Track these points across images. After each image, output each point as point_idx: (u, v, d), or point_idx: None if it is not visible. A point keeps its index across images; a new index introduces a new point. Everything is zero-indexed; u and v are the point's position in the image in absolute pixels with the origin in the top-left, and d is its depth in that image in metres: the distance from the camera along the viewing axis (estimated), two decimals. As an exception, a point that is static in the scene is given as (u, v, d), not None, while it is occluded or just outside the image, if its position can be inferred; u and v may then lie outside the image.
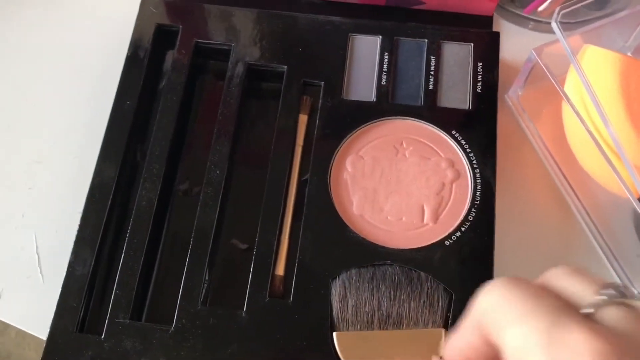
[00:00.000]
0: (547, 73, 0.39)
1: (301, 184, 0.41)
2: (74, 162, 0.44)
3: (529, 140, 0.44)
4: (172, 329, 0.36)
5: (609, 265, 0.40)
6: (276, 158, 0.41)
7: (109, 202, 0.40)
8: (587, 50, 0.39)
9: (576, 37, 0.40)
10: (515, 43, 0.47)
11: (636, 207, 0.36)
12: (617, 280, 0.40)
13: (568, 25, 0.43)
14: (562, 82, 0.41)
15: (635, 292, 0.39)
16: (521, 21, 0.48)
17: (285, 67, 0.43)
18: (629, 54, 0.45)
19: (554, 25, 0.37)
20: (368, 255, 0.38)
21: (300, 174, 0.41)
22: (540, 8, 0.45)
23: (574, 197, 0.41)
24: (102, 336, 0.36)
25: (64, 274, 0.38)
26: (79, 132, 0.45)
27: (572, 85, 0.40)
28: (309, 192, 0.40)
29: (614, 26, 0.43)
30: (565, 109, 0.40)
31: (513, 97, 0.44)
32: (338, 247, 0.38)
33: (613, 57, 0.37)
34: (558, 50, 0.39)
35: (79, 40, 0.48)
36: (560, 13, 0.37)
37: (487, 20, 0.47)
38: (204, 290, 0.38)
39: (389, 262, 0.38)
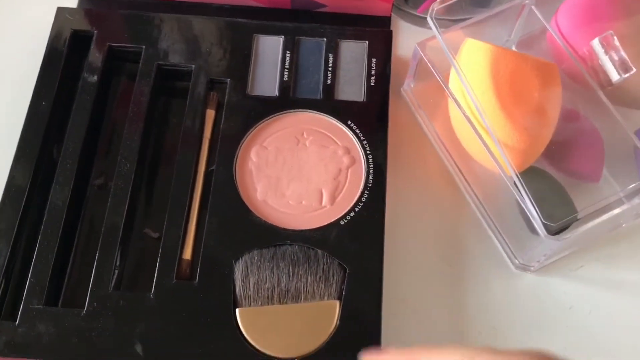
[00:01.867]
0: (428, 64, 0.42)
1: (208, 175, 0.43)
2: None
3: (422, 128, 0.48)
4: (84, 312, 0.39)
5: (494, 239, 0.44)
6: (184, 151, 0.43)
7: (24, 198, 0.42)
8: (466, 43, 0.43)
9: (458, 32, 0.44)
10: (413, 41, 0.51)
11: (507, 181, 0.39)
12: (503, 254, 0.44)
13: (452, 22, 0.48)
14: (448, 74, 0.44)
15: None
16: (419, 21, 0.52)
17: (193, 66, 0.46)
18: (513, 47, 0.49)
19: (429, 20, 0.41)
20: (270, 237, 0.41)
21: (207, 165, 0.44)
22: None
23: (461, 177, 0.45)
24: (17, 322, 0.38)
25: (-20, 265, 0.40)
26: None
27: (454, 76, 0.43)
28: (215, 181, 0.42)
29: (498, 21, 0.47)
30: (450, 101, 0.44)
31: (407, 90, 0.48)
32: (242, 231, 0.41)
33: (485, 48, 0.41)
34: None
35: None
36: (435, 9, 0.40)
37: (385, 21, 0.51)
38: (115, 276, 0.40)
39: (288, 242, 0.41)
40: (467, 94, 0.40)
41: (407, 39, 0.51)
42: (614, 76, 0.40)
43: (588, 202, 0.42)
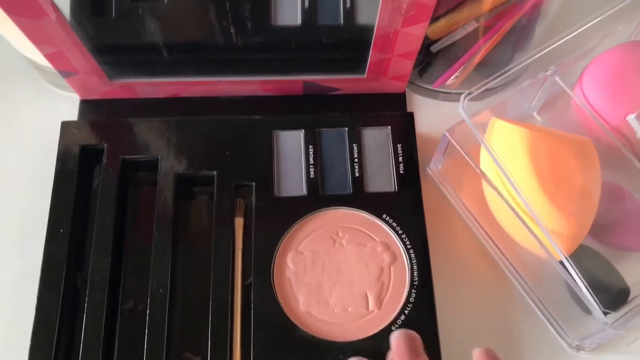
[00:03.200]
0: (462, 153, 0.41)
1: (246, 288, 0.41)
2: (12, 295, 0.43)
3: (454, 207, 0.46)
4: None
5: (545, 320, 0.43)
6: (217, 266, 0.41)
7: (55, 336, 0.39)
8: (495, 125, 0.42)
9: (485, 112, 0.43)
10: (429, 115, 0.50)
11: (557, 268, 0.38)
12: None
13: (474, 96, 0.47)
14: (477, 150, 0.43)
15: None
16: (432, 94, 0.51)
17: (215, 172, 0.44)
18: (535, 113, 0.49)
19: (461, 112, 0.39)
20: (320, 353, 0.39)
21: (244, 278, 0.42)
22: (448, 82, 0.48)
23: (504, 259, 0.44)
24: None
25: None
26: (13, 262, 0.44)
27: (486, 157, 0.42)
28: (254, 295, 0.40)
29: (520, 94, 0.46)
30: (485, 183, 0.43)
31: (434, 169, 0.47)
32: (290, 349, 0.39)
33: (520, 132, 0.40)
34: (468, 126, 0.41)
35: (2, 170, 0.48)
36: (465, 100, 0.39)
37: (400, 97, 0.49)
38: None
39: (341, 356, 0.39)
40: (507, 181, 0.39)
41: (423, 112, 0.50)
42: (655, 152, 0.39)
43: (635, 270, 0.41)
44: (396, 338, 0.33)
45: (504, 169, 0.39)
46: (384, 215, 0.43)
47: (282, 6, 0.45)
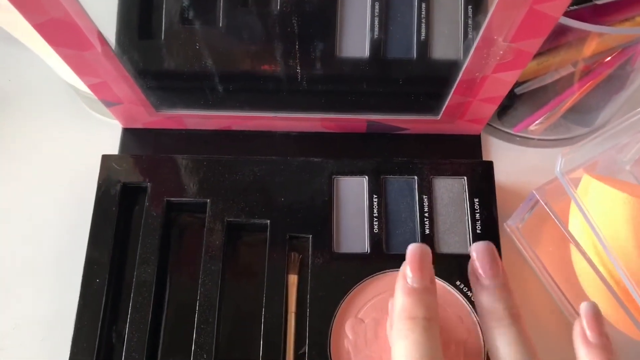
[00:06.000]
0: (554, 218, 0.36)
1: (299, 358, 0.37)
2: (42, 345, 0.39)
3: (534, 271, 0.41)
4: None
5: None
6: (268, 331, 0.37)
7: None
8: (590, 186, 0.36)
9: (579, 170, 0.37)
10: (506, 160, 0.45)
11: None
12: None
13: (552, 142, 0.42)
14: (565, 209, 0.38)
15: None
16: (509, 137, 0.45)
17: (268, 221, 0.39)
18: (628, 167, 0.43)
19: (559, 174, 0.34)
20: None
21: (297, 347, 0.37)
22: (531, 127, 0.43)
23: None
24: None
25: None
26: (46, 313, 0.40)
27: (579, 221, 0.37)
28: (308, 368, 0.36)
29: (614, 150, 0.41)
30: (574, 249, 0.38)
31: (513, 226, 0.42)
32: None
33: (624, 198, 0.35)
34: (559, 185, 0.36)
35: (40, 208, 0.44)
36: (563, 161, 0.34)
37: (475, 141, 0.44)
38: None
39: None
40: (604, 252, 0.34)
41: (498, 157, 0.45)
42: None
43: None
44: (477, 249, 0.31)
45: (602, 238, 0.34)
46: (458, 282, 0.38)
47: (348, 36, 0.40)
